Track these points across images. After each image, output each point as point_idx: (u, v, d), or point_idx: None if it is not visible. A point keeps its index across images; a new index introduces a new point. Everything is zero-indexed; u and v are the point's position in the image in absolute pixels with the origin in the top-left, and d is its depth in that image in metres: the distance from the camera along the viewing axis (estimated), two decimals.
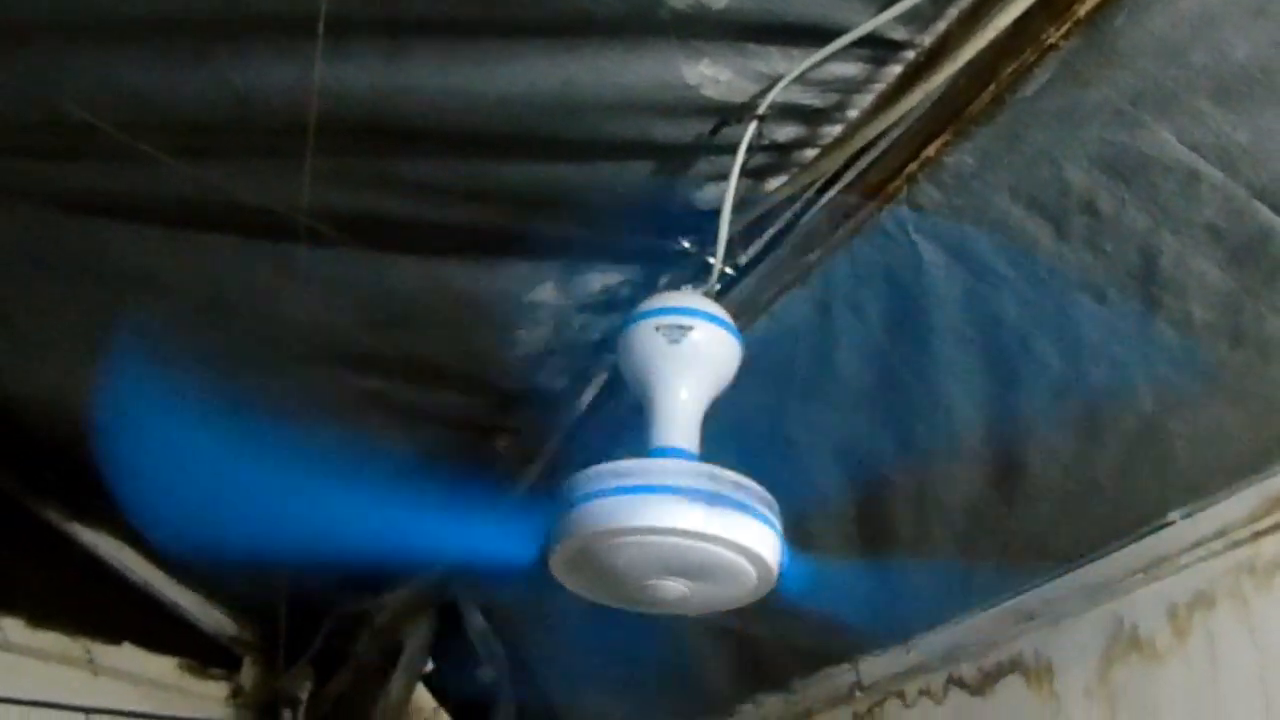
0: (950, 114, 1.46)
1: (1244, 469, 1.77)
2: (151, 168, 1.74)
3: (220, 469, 2.04)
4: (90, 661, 3.09)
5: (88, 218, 1.93)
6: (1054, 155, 1.45)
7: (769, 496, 1.40)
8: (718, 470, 1.39)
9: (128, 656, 3.16)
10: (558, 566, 1.44)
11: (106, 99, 1.64)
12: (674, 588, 1.43)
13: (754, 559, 1.38)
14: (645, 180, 1.70)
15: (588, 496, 1.37)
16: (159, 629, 3.22)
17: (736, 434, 1.83)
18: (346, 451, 2.42)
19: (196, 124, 1.69)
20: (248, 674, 3.34)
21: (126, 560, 3.13)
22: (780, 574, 1.42)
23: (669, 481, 1.37)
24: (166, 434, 2.08)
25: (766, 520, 1.39)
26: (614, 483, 1.37)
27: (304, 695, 3.32)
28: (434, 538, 1.79)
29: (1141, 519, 1.88)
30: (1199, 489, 1.81)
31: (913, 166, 1.52)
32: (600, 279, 1.90)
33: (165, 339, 2.19)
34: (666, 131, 1.61)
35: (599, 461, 1.41)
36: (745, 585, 1.43)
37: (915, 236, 1.60)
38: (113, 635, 3.14)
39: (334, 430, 2.36)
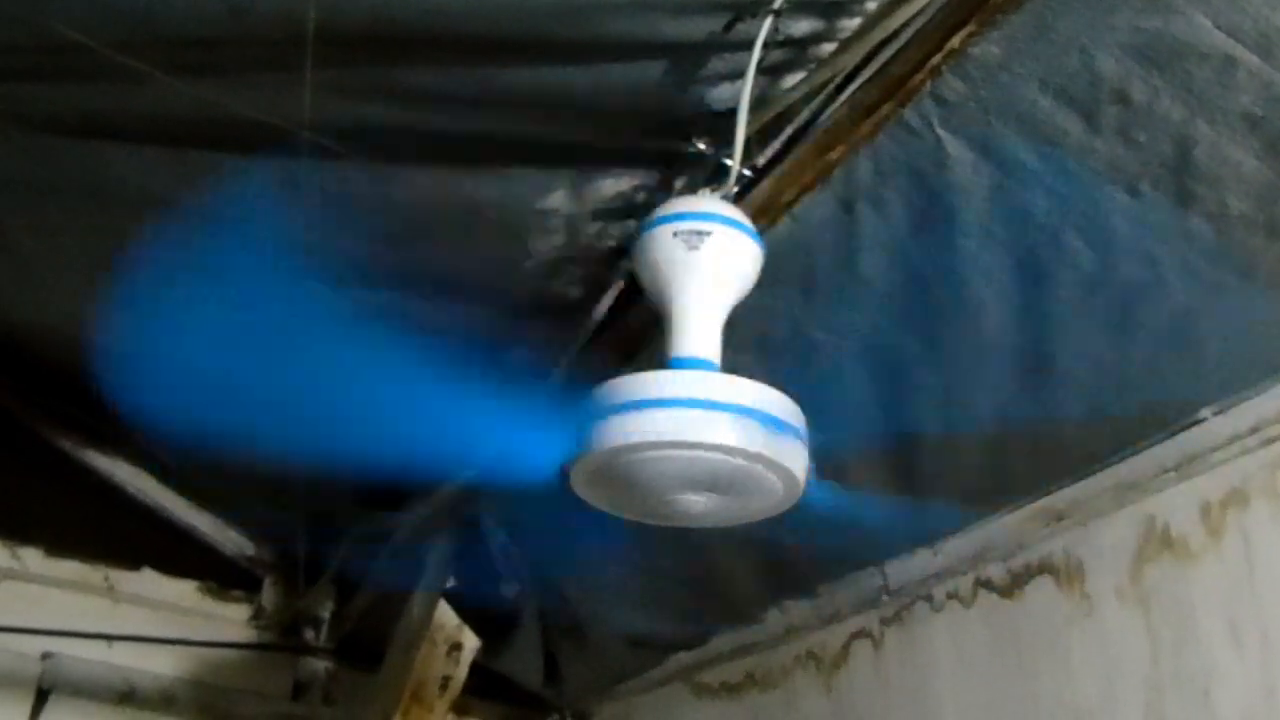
0: (976, 2, 1.40)
1: (1279, 363, 1.74)
2: (147, 86, 1.70)
3: (232, 387, 2.03)
4: (110, 589, 3.10)
5: (85, 140, 1.90)
6: (1084, 43, 1.40)
7: (794, 406, 1.37)
8: (741, 380, 1.36)
9: (147, 582, 3.17)
10: (578, 482, 1.42)
11: (97, 17, 1.60)
12: (698, 501, 1.41)
13: (780, 471, 1.35)
14: (657, 81, 1.65)
15: (609, 410, 1.34)
16: (177, 553, 3.22)
17: (759, 341, 1.80)
18: (358, 367, 2.40)
19: (191, 39, 1.65)
20: (268, 595, 3.34)
21: (142, 485, 3.14)
22: (806, 484, 1.39)
23: (692, 394, 1.34)
24: (175, 354, 2.06)
25: (792, 430, 1.36)
26: (635, 396, 1.34)
27: (326, 615, 3.34)
28: (449, 452, 1.77)
29: (1173, 416, 1.87)
30: (1232, 384, 1.79)
31: (936, 59, 1.47)
32: (613, 184, 1.87)
33: (170, 259, 2.16)
34: (677, 29, 1.56)
35: (616, 373, 1.37)
36: (771, 497, 1.40)
37: (940, 131, 1.55)
38: (131, 561, 3.16)
39: (344, 346, 2.34)
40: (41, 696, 2.92)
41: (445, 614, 2.87)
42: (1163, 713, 1.82)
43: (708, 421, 1.32)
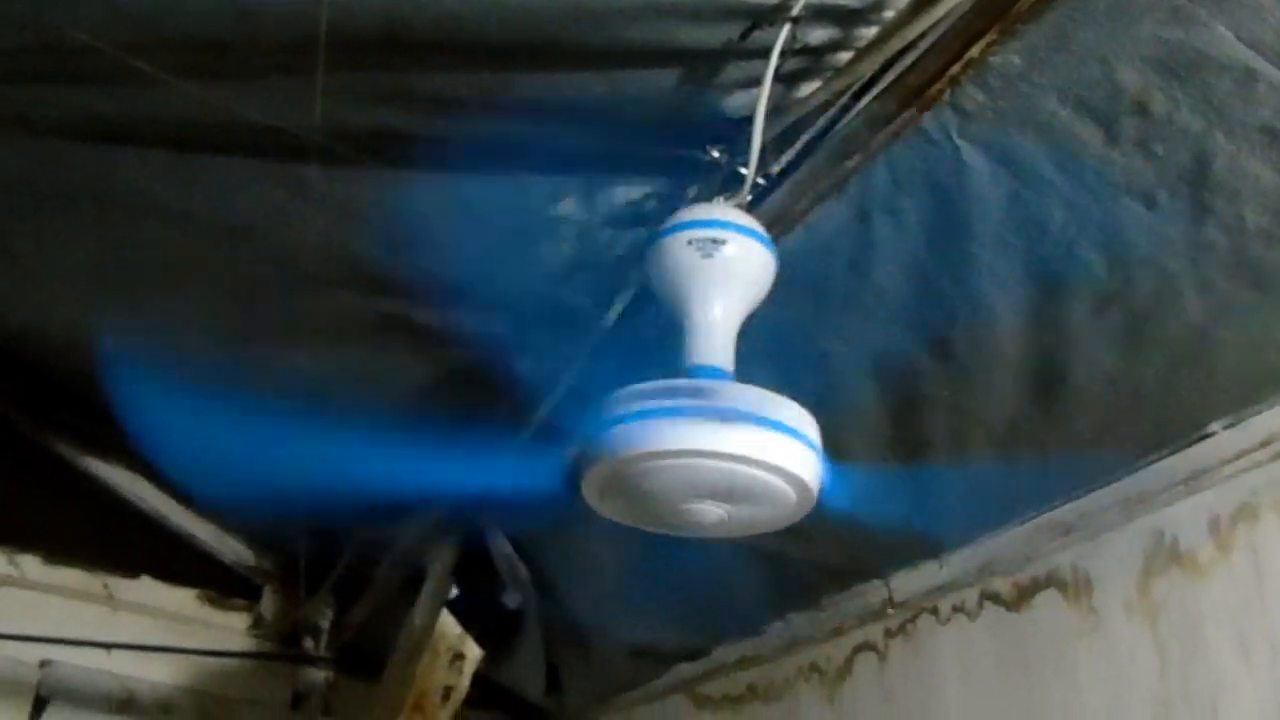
0: (996, 11, 1.39)
1: None
2: (156, 90, 1.69)
3: (235, 398, 2.01)
4: (109, 596, 3.09)
5: (92, 144, 1.89)
6: (1105, 54, 1.39)
7: (808, 415, 1.36)
8: (755, 389, 1.35)
9: (146, 589, 3.16)
10: (589, 492, 1.40)
11: (106, 19, 1.59)
12: (711, 511, 1.39)
13: (793, 480, 1.34)
14: (672, 88, 1.65)
15: (621, 419, 1.33)
16: (177, 561, 3.22)
17: (771, 350, 1.79)
18: (365, 377, 2.39)
19: (201, 42, 1.64)
20: (268, 603, 3.33)
21: (141, 493, 3.13)
22: (819, 494, 1.38)
23: (705, 402, 1.33)
24: (178, 365, 2.05)
25: (806, 440, 1.34)
26: (648, 404, 1.33)
27: (325, 624, 3.33)
28: (457, 463, 1.76)
29: (1183, 430, 1.86)
30: (1243, 399, 1.79)
31: (955, 68, 1.46)
32: (626, 192, 1.86)
33: (175, 266, 2.15)
34: (694, 36, 1.56)
35: (626, 382, 1.36)
36: (784, 507, 1.39)
37: (958, 141, 1.54)
38: (130, 569, 3.14)
39: (352, 355, 2.33)
40: (40, 704, 2.90)
41: (448, 624, 2.85)
42: None
43: (721, 430, 1.30)
